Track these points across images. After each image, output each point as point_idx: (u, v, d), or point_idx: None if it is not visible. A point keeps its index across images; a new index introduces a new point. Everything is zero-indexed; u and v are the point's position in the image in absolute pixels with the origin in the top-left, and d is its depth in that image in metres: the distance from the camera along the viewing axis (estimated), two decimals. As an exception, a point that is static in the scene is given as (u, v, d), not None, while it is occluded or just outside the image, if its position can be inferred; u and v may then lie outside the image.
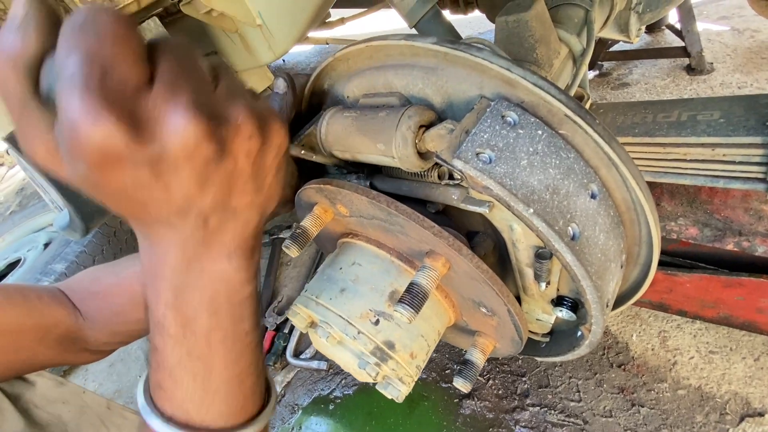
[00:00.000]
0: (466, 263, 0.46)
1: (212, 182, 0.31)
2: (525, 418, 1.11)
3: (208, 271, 0.35)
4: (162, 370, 0.39)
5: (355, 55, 0.55)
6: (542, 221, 0.39)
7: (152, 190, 0.29)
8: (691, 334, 1.11)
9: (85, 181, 0.29)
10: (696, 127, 0.74)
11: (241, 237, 0.36)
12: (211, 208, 0.33)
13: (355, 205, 0.51)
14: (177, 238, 0.34)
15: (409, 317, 0.45)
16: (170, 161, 0.28)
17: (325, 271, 0.58)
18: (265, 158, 0.34)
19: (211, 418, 0.39)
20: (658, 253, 0.50)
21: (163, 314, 0.36)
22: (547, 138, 0.43)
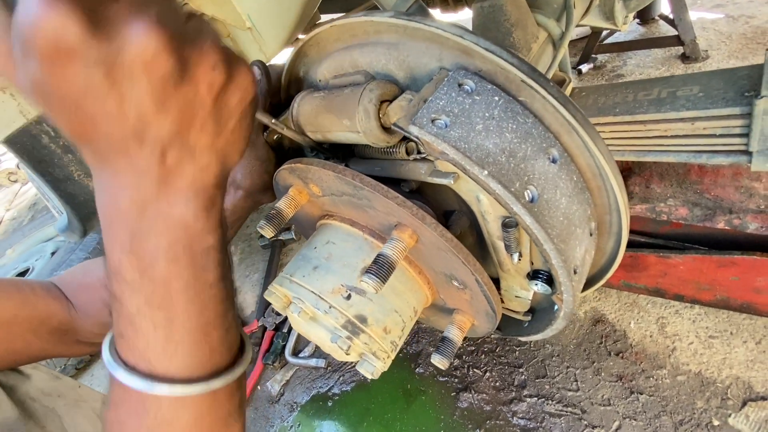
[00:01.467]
0: (431, 232, 0.46)
1: (170, 106, 0.30)
2: (522, 410, 1.10)
3: (165, 215, 0.34)
4: (122, 318, 0.38)
5: (324, 38, 0.57)
6: (497, 183, 0.39)
7: (105, 101, 0.28)
8: (690, 320, 1.09)
9: (36, 85, 0.28)
10: (675, 102, 0.74)
11: (200, 182, 0.35)
12: (169, 139, 0.31)
13: (325, 182, 0.52)
14: (132, 170, 0.32)
15: (375, 287, 0.45)
16: (126, 67, 0.27)
17: (301, 252, 0.59)
18: (229, 97, 0.33)
19: (174, 368, 0.38)
20: (627, 217, 0.49)
21: (119, 259, 0.35)
22: (504, 104, 0.43)
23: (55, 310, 0.69)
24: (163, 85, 0.29)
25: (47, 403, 0.78)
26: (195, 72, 0.30)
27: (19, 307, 0.65)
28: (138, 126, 0.30)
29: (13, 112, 0.95)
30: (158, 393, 0.37)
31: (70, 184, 1.02)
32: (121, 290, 0.36)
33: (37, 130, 0.98)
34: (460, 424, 1.13)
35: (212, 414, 0.41)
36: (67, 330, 0.70)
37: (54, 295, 0.72)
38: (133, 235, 0.34)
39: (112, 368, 0.38)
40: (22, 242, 2.49)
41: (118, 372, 0.37)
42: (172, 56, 0.28)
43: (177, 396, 0.38)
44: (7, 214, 4.47)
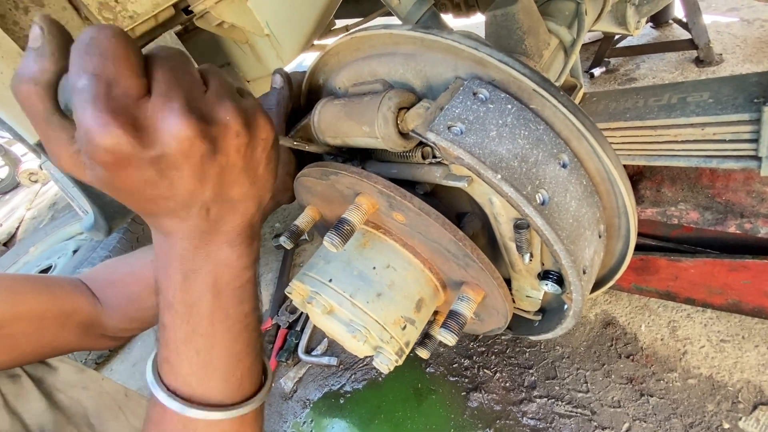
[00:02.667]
0: (504, 304, 0.50)
1: (209, 176, 0.35)
2: (532, 410, 1.11)
3: (213, 257, 0.40)
4: (169, 346, 0.43)
5: (343, 49, 0.60)
6: (510, 186, 0.42)
7: (159, 187, 0.34)
8: (702, 324, 1.09)
9: (103, 182, 0.34)
10: (685, 108, 0.76)
11: (240, 225, 0.41)
12: (212, 200, 0.37)
13: (426, 227, 0.51)
14: (184, 228, 0.38)
15: (452, 342, 0.50)
16: (170, 160, 0.33)
17: (351, 264, 0.57)
18: (254, 152, 0.38)
19: (211, 393, 0.44)
20: (635, 220, 0.51)
21: (173, 295, 0.41)
22: (517, 111, 0.45)
23: (82, 306, 0.73)
24: (201, 165, 0.34)
25: (73, 395, 0.81)
26: (223, 144, 0.35)
27: (48, 302, 0.68)
28: (185, 198, 0.36)
29: (47, 117, 1.00)
30: (195, 417, 0.43)
31: (97, 185, 1.06)
32: (172, 321, 0.42)
33: (68, 133, 1.03)
34: (470, 423, 1.15)
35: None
36: (93, 324, 0.74)
37: (81, 291, 0.75)
38: (185, 276, 0.40)
39: (154, 390, 0.43)
40: (44, 240, 2.58)
41: (161, 395, 0.43)
42: (204, 141, 0.33)
43: (211, 420, 0.44)
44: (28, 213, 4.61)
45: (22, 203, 4.86)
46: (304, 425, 1.34)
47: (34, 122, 0.34)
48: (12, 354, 0.66)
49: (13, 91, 0.33)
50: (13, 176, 5.17)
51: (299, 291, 0.59)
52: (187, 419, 0.43)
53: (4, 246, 4.03)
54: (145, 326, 0.84)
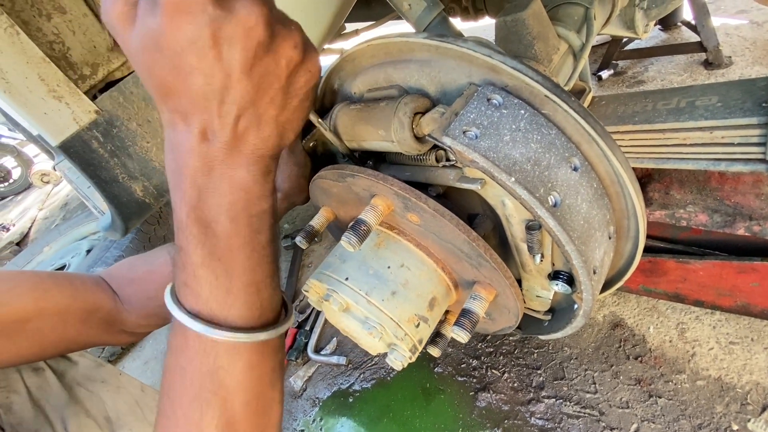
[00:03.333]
0: (515, 302, 0.54)
1: (254, 72, 0.34)
2: (540, 410, 1.12)
3: (229, 177, 0.39)
4: (186, 269, 0.41)
5: (359, 55, 0.62)
6: (523, 189, 0.43)
7: (205, 56, 0.33)
8: (711, 326, 1.10)
9: (149, 39, 0.33)
10: (694, 112, 0.77)
11: (261, 151, 0.39)
12: (245, 104, 0.36)
13: (440, 228, 0.53)
14: (206, 131, 0.36)
15: (465, 338, 0.52)
16: (230, 29, 0.32)
17: (367, 263, 0.59)
18: (299, 77, 0.38)
19: (232, 317, 0.42)
20: (644, 222, 0.53)
21: (186, 214, 0.39)
22: (530, 117, 0.47)
23: (103, 302, 0.75)
24: (254, 52, 0.34)
25: (92, 388, 0.84)
26: (280, 46, 0.35)
27: (71, 298, 0.70)
28: (224, 84, 0.35)
29: (68, 120, 1.04)
30: (218, 337, 0.41)
31: (115, 186, 1.10)
32: (187, 242, 0.40)
33: (88, 135, 1.06)
34: (479, 422, 1.16)
35: (261, 365, 0.45)
36: (114, 320, 0.76)
37: (102, 287, 0.78)
38: (200, 192, 0.39)
39: (176, 314, 0.42)
40: (58, 240, 2.63)
41: (183, 317, 0.41)
42: (268, 29, 0.33)
43: (233, 342, 0.42)
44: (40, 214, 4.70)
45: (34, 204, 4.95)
46: (314, 423, 1.36)
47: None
48: (37, 348, 0.68)
49: None
50: (26, 177, 5.27)
51: (316, 289, 0.61)
52: (210, 342, 0.41)
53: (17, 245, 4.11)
54: (163, 322, 0.87)
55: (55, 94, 1.01)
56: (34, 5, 1.03)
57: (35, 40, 0.99)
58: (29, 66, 0.97)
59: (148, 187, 1.21)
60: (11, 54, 0.94)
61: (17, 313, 0.63)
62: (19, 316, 0.63)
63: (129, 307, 0.80)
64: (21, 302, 0.64)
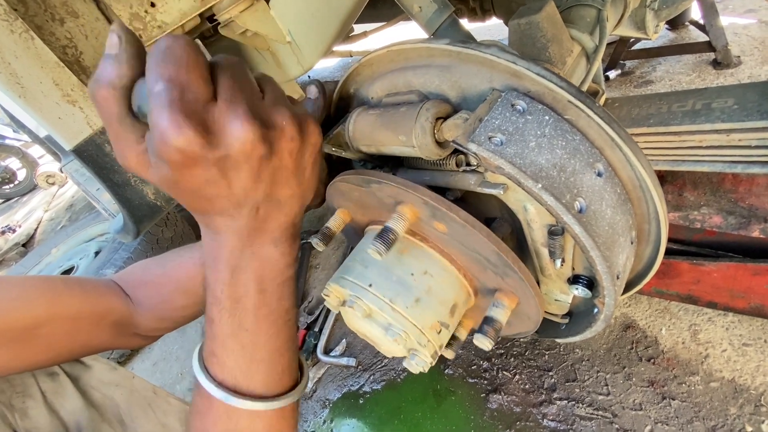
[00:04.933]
0: (537, 311, 0.54)
1: (263, 177, 0.38)
2: (552, 412, 1.12)
3: (259, 254, 0.43)
4: (216, 339, 0.46)
5: (378, 60, 0.62)
6: (550, 195, 0.43)
7: (218, 186, 0.37)
8: (724, 327, 1.09)
9: (166, 180, 0.37)
10: (710, 114, 0.76)
11: (285, 224, 0.43)
12: (263, 200, 0.40)
13: (467, 237, 0.53)
14: (235, 226, 0.41)
15: (489, 347, 0.53)
16: (233, 160, 0.35)
17: (389, 269, 0.58)
18: (304, 155, 0.41)
19: (254, 385, 0.46)
20: (666, 227, 0.53)
21: (221, 290, 0.44)
22: (554, 122, 0.47)
23: (116, 305, 0.75)
24: (258, 166, 0.37)
25: (106, 392, 0.84)
26: (279, 147, 0.38)
27: (83, 302, 0.71)
28: (240, 197, 0.38)
29: (82, 124, 1.04)
30: (241, 406, 0.45)
31: (128, 189, 1.10)
32: (219, 316, 0.45)
33: (101, 139, 1.07)
34: (490, 424, 1.16)
35: (279, 427, 0.49)
36: (126, 323, 0.77)
37: (114, 291, 0.78)
38: (233, 272, 0.43)
39: (203, 381, 0.46)
40: (65, 242, 2.64)
41: (209, 385, 0.45)
42: (263, 143, 0.36)
43: (255, 410, 0.46)
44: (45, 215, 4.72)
45: (39, 205, 4.98)
46: (324, 425, 1.36)
47: (107, 123, 0.37)
48: (50, 353, 0.68)
49: (91, 93, 0.36)
50: (31, 179, 5.29)
51: (336, 294, 0.61)
52: (232, 409, 0.45)
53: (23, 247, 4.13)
54: (175, 326, 0.87)
55: (69, 99, 1.01)
56: (47, 10, 1.04)
57: (49, 45, 0.99)
58: (44, 71, 0.97)
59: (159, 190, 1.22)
60: (26, 59, 0.95)
61: (30, 319, 0.63)
62: (32, 321, 0.64)
63: (142, 311, 0.80)
64: (33, 308, 0.64)
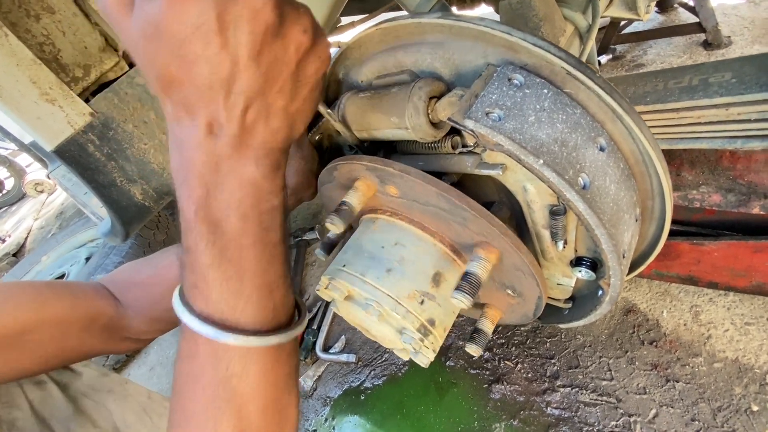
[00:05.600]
0: (521, 258, 0.49)
1: (263, 58, 0.32)
2: (556, 400, 1.11)
3: (237, 172, 0.36)
4: (195, 271, 0.39)
5: (367, 41, 0.59)
6: (552, 171, 0.41)
7: (210, 42, 0.30)
8: (725, 307, 1.09)
9: (149, 27, 0.30)
10: (708, 89, 0.75)
11: (270, 144, 0.37)
12: (253, 94, 0.33)
13: (414, 190, 0.52)
14: (213, 124, 0.34)
15: (468, 304, 0.48)
16: (237, 11, 0.29)
17: (363, 248, 0.58)
18: (309, 64, 0.36)
19: (244, 320, 0.40)
20: (671, 202, 0.51)
21: (194, 212, 0.37)
22: (553, 96, 0.45)
23: (105, 309, 0.72)
24: (262, 36, 0.31)
25: (98, 399, 0.82)
26: (289, 30, 0.33)
27: (71, 307, 0.68)
28: (231, 73, 0.32)
29: (62, 123, 1.00)
30: (231, 342, 0.39)
31: (114, 190, 1.07)
32: (195, 242, 0.38)
33: (84, 139, 1.03)
34: (494, 415, 1.15)
35: (276, 369, 0.43)
36: (117, 327, 0.74)
37: (103, 294, 0.75)
38: (208, 190, 0.36)
39: (186, 318, 0.40)
40: (56, 249, 2.59)
41: (193, 321, 0.39)
42: (276, 10, 0.31)
43: (246, 347, 0.40)
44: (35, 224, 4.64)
45: (29, 213, 4.89)
46: (326, 423, 1.34)
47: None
48: (38, 360, 0.66)
49: None
50: (19, 187, 5.19)
51: (324, 284, 0.59)
52: (221, 347, 0.39)
53: (13, 256, 4.06)
54: (168, 327, 0.84)
55: (48, 97, 0.97)
56: (21, 6, 1.00)
57: (24, 42, 0.95)
58: (20, 69, 0.93)
59: (147, 190, 1.18)
60: (1, 57, 0.91)
61: (16, 325, 0.61)
62: (18, 328, 0.61)
63: (132, 313, 0.78)
64: (19, 314, 0.62)
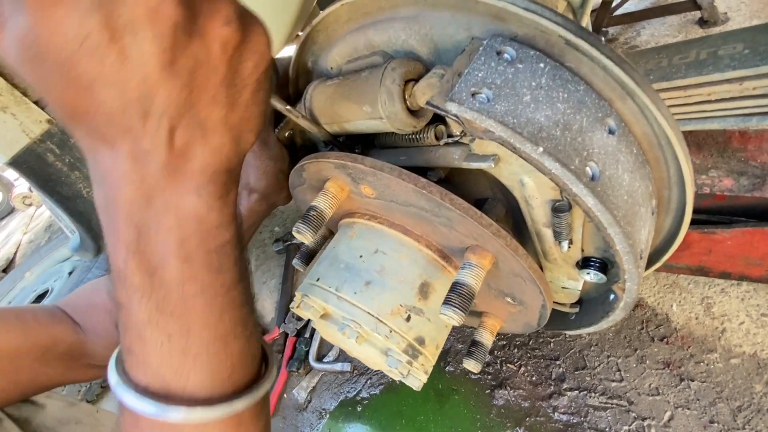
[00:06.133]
0: (519, 263, 0.41)
1: (179, 66, 0.25)
2: (564, 404, 1.04)
3: (175, 206, 0.30)
4: (130, 330, 0.32)
5: (333, 20, 0.52)
6: (555, 161, 0.34)
7: (105, 56, 0.24)
8: (739, 298, 1.02)
9: (26, 47, 0.24)
10: (718, 63, 0.68)
11: (213, 167, 0.30)
12: (178, 112, 0.27)
13: (390, 189, 0.45)
14: (136, 154, 0.27)
15: (459, 321, 0.41)
16: (128, 13, 0.23)
17: (339, 258, 0.51)
18: (243, 62, 0.29)
19: (193, 386, 0.33)
20: (693, 191, 0.44)
21: (124, 260, 0.30)
22: (551, 71, 0.38)
23: (62, 335, 0.67)
24: (171, 39, 0.24)
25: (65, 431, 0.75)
26: (207, 25, 0.25)
27: (21, 337, 0.63)
28: (143, 91, 0.25)
29: (16, 132, 0.92)
30: (176, 420, 0.31)
31: (80, 203, 0.99)
32: (128, 297, 0.31)
33: (42, 149, 0.95)
34: (498, 423, 1.08)
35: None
36: (77, 354, 0.68)
37: (59, 319, 0.69)
38: (140, 232, 0.30)
39: (120, 391, 0.32)
40: (39, 264, 2.50)
41: (128, 395, 0.32)
42: (181, 5, 0.24)
43: (197, 422, 0.32)
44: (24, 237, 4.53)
45: (18, 227, 4.78)
46: (322, 437, 1.28)
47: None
48: None
49: None
50: (7, 201, 5.08)
51: (297, 301, 0.52)
52: (166, 426, 0.32)
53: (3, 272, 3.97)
54: None
55: (-2, 105, 0.89)
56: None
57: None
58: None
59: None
60: (-62, 61, 0.82)
61: None
62: None
63: (94, 337, 0.71)
64: None
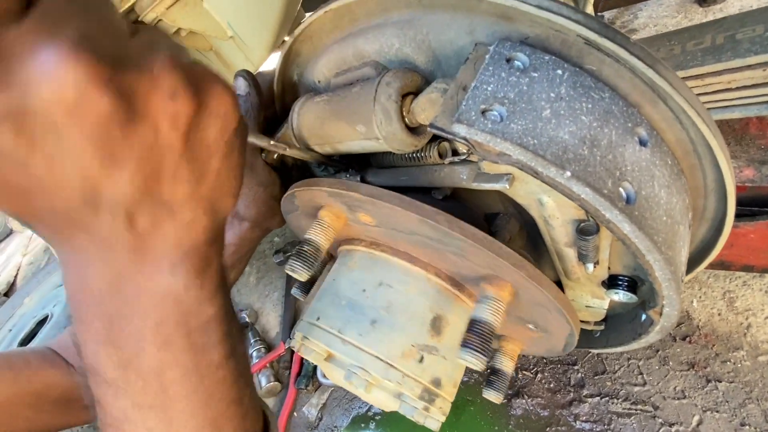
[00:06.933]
0: (544, 295, 0.36)
1: (123, 157, 0.22)
2: (585, 412, 1.00)
3: (148, 290, 0.27)
4: (108, 429, 0.30)
5: (318, 30, 0.47)
6: (585, 185, 0.29)
7: (28, 166, 0.21)
8: (762, 291, 0.97)
9: None
10: (737, 48, 0.62)
11: (188, 242, 0.27)
12: (132, 199, 0.24)
13: (391, 217, 0.40)
14: (96, 244, 0.25)
15: (480, 365, 0.36)
16: (41, 116, 0.20)
17: (340, 293, 0.46)
18: (204, 131, 0.25)
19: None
20: (734, 200, 0.39)
21: (94, 354, 0.28)
22: (571, 77, 0.32)
23: (55, 380, 0.64)
24: (103, 133, 0.21)
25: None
26: (148, 106, 0.22)
27: (12, 385, 0.61)
28: (85, 190, 0.23)
29: None
30: None
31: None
32: (102, 392, 0.29)
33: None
34: (518, 434, 1.04)
35: None
36: (73, 398, 0.65)
37: (51, 362, 0.66)
38: (111, 321, 0.27)
39: None
40: (37, 289, 2.46)
41: None
42: (107, 93, 0.20)
43: None
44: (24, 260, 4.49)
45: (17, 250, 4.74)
46: (336, 456, 1.23)
47: None
48: None
49: None
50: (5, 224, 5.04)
51: (297, 342, 0.47)
52: None
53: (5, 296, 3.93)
54: None
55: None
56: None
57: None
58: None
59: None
60: None
61: None
62: None
63: None
64: None
